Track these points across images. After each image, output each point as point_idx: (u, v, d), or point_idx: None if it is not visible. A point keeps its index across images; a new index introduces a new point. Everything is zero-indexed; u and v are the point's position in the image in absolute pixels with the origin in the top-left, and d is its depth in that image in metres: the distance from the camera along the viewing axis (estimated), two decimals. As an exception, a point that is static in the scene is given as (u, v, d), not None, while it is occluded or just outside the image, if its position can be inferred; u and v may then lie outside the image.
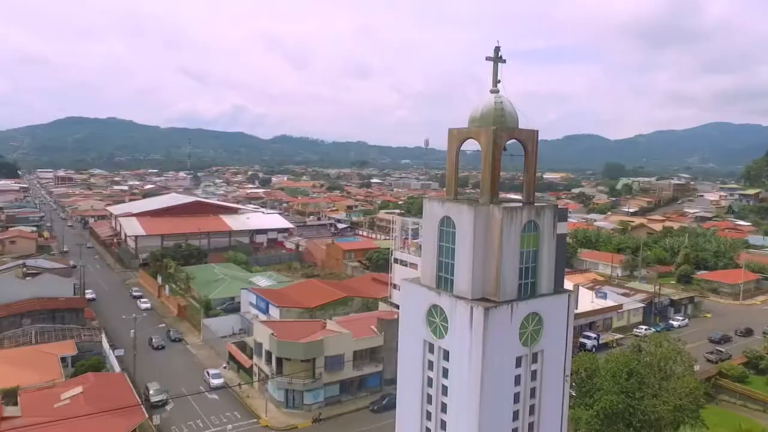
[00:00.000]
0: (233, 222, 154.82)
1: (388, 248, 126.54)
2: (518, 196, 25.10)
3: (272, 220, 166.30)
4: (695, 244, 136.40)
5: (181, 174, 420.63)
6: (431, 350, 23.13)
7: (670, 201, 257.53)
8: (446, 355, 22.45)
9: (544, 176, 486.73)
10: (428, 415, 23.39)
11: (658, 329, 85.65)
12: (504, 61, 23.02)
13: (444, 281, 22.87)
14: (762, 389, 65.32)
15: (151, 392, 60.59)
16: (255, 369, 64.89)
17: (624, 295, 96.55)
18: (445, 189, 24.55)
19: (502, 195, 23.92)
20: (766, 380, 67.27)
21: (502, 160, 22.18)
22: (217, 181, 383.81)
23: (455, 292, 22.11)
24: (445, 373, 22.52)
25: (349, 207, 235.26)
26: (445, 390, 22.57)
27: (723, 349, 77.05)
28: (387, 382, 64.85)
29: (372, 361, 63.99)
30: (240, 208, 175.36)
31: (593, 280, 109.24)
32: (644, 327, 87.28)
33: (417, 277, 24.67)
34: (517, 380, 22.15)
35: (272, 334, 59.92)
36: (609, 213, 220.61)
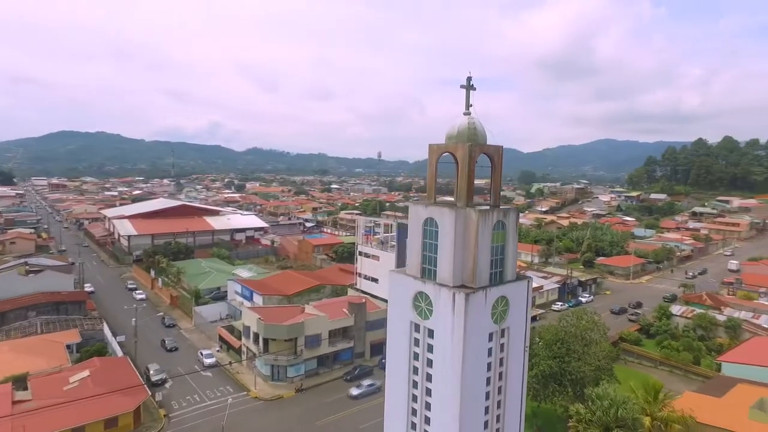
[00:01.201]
0: (215, 222, 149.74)
1: (352, 243, 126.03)
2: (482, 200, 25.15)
3: (249, 221, 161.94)
4: (595, 236, 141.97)
5: (165, 181, 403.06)
6: (417, 330, 22.87)
7: (573, 201, 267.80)
8: (431, 334, 22.24)
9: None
10: (414, 384, 23.13)
11: (570, 305, 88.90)
12: (474, 89, 23.06)
13: (428, 272, 22.66)
14: (653, 350, 68.71)
15: (151, 372, 57.68)
16: (243, 349, 62.78)
17: (543, 278, 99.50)
18: (426, 193, 24.25)
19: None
20: (656, 342, 70.70)
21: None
22: (198, 187, 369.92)
23: (438, 281, 21.94)
24: (430, 348, 22.31)
25: (315, 208, 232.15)
26: (429, 363, 22.36)
27: (639, 311, 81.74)
28: (357, 355, 64.42)
29: (344, 339, 63.26)
30: (221, 210, 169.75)
31: (518, 266, 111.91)
32: (560, 303, 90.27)
33: (403, 268, 24.34)
34: (489, 352, 22.22)
35: (259, 318, 58.18)
36: (526, 212, 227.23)
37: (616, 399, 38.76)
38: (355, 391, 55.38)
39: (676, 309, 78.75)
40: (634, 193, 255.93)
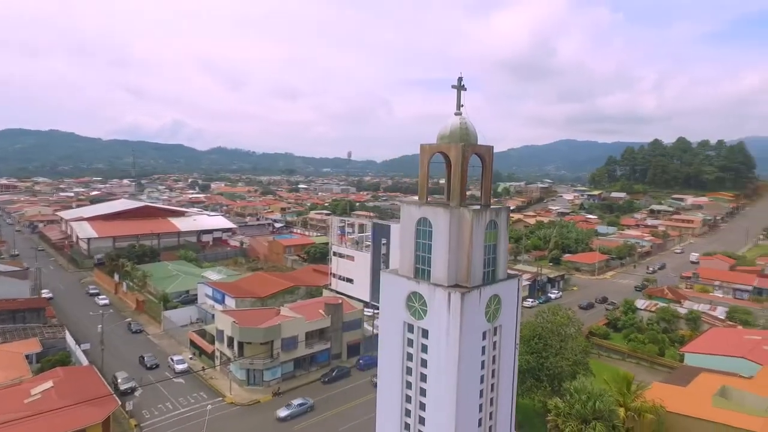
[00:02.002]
0: (181, 223, 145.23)
1: (324, 243, 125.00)
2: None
3: (216, 221, 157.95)
4: (561, 233, 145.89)
5: (125, 181, 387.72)
6: (410, 330, 22.79)
7: (538, 200, 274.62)
8: (425, 334, 22.20)
9: (440, 181, 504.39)
10: (408, 384, 23.04)
11: (541, 301, 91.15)
12: (465, 89, 23.18)
13: (421, 272, 22.61)
14: (620, 343, 71.25)
15: (119, 381, 55.32)
16: (217, 353, 61.11)
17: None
18: (417, 194, 24.17)
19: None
20: (623, 336, 73.34)
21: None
22: (160, 187, 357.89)
23: (433, 281, 21.92)
24: (424, 348, 22.27)
25: (283, 209, 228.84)
26: (424, 363, 22.31)
27: (616, 302, 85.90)
28: (334, 356, 63.91)
29: (321, 340, 62.59)
30: (186, 211, 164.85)
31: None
32: (531, 300, 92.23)
33: (395, 269, 24.19)
34: (483, 350, 22.38)
35: (234, 321, 56.76)
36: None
37: (593, 392, 39.87)
38: (282, 413, 49.43)
39: (640, 303, 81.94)
40: (596, 192, 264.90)
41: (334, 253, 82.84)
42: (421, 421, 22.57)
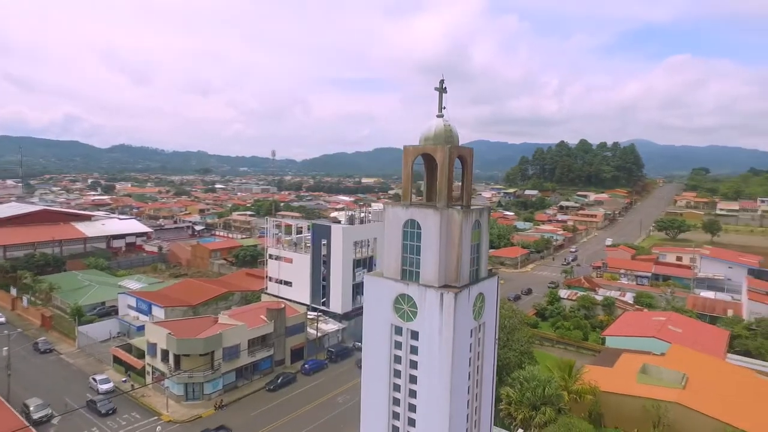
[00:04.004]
0: (87, 228, 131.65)
1: (253, 245, 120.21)
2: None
3: (129, 225, 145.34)
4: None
5: (9, 182, 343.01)
6: (398, 332, 22.61)
7: (458, 198, 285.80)
8: (414, 335, 22.14)
9: (362, 180, 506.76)
10: (396, 387, 22.85)
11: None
12: (446, 91, 23.46)
13: (409, 273, 22.50)
14: (548, 331, 76.53)
15: (31, 409, 48.81)
16: (148, 369, 56.32)
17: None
18: (402, 195, 24.03)
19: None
20: (550, 324, 78.81)
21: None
22: (55, 188, 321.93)
23: (422, 282, 21.91)
24: (413, 350, 22.20)
25: (201, 210, 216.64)
26: (413, 364, 22.24)
27: (555, 282, 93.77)
28: (277, 363, 61.87)
29: (264, 347, 60.19)
30: (93, 215, 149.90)
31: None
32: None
33: (379, 271, 23.85)
34: (471, 348, 22.82)
35: (170, 333, 52.65)
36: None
37: (542, 379, 42.52)
38: None
39: (563, 293, 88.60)
40: (511, 190, 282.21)
41: (270, 256, 79.93)
42: (411, 422, 22.51)
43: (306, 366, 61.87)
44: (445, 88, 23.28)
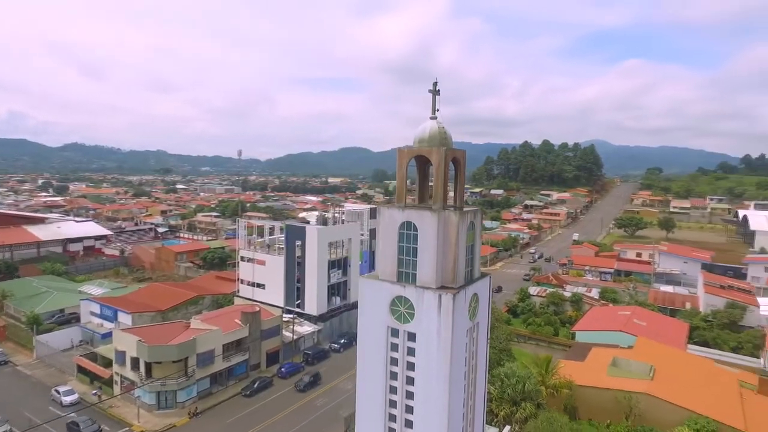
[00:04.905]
0: (41, 232, 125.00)
1: (221, 247, 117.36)
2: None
3: (86, 228, 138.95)
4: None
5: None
6: (395, 334, 22.54)
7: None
8: (411, 337, 22.13)
9: (329, 180, 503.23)
10: (392, 389, 22.78)
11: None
12: (439, 93, 23.55)
13: (405, 275, 22.44)
14: (520, 327, 78.26)
15: (-13, 427, 45.96)
16: (117, 378, 53.98)
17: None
18: (396, 197, 23.91)
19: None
20: (522, 320, 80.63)
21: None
22: (1, 189, 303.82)
23: (419, 283, 21.90)
24: (411, 351, 22.18)
25: (164, 212, 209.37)
26: (410, 366, 22.22)
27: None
28: (252, 367, 60.68)
29: (239, 351, 58.80)
30: (47, 218, 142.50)
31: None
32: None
33: (374, 274, 23.68)
34: (466, 347, 23.02)
35: (140, 340, 50.62)
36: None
37: (521, 376, 43.46)
38: None
39: (533, 290, 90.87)
40: (478, 189, 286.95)
41: (242, 258, 78.16)
42: (408, 424, 22.50)
43: (283, 369, 60.89)
44: (439, 90, 23.38)
